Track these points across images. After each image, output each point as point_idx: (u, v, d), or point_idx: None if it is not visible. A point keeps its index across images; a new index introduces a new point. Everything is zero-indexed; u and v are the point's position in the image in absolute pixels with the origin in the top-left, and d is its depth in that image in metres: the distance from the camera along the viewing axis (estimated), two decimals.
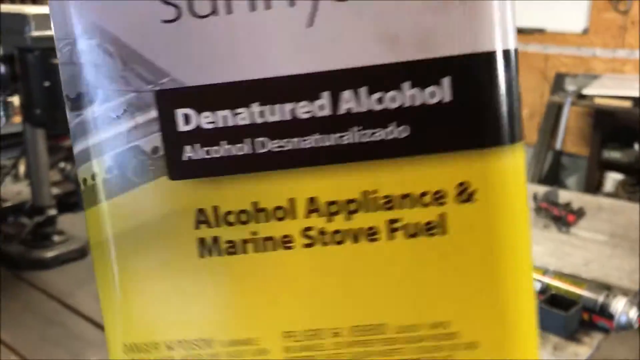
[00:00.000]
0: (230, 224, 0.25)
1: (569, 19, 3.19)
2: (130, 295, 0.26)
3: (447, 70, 0.23)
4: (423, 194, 0.24)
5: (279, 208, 0.25)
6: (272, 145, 0.24)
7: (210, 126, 0.24)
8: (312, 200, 0.25)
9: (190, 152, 0.25)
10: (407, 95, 0.24)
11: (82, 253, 1.09)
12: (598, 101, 2.76)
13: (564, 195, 1.37)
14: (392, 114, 0.24)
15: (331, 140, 0.24)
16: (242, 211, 0.25)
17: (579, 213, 1.28)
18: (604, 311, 0.84)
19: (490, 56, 0.23)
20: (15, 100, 1.05)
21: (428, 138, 0.24)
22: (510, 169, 0.25)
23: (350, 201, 0.25)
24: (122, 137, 0.25)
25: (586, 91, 2.82)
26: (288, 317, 0.26)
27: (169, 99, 0.24)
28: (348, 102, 0.24)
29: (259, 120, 0.24)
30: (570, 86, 2.94)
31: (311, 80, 0.24)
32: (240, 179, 0.25)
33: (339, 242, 0.25)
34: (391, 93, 0.24)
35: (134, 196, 0.25)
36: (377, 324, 0.25)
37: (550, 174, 3.03)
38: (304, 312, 0.26)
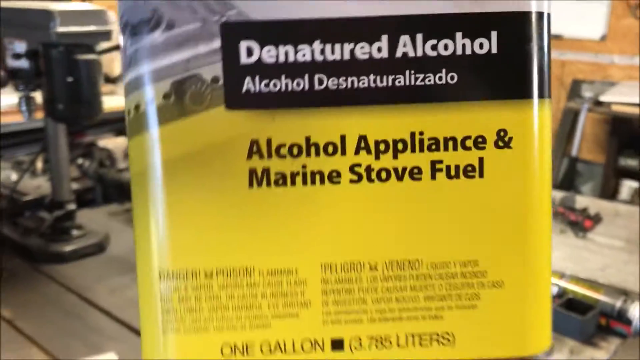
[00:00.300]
0: (281, 156, 0.26)
1: (587, 25, 3.17)
2: (174, 222, 0.26)
3: (496, 25, 0.25)
4: (466, 138, 0.26)
5: (330, 144, 0.26)
6: (330, 82, 0.25)
7: (271, 60, 0.25)
8: (362, 138, 0.26)
9: (249, 84, 0.25)
10: (459, 44, 0.25)
11: (100, 247, 1.10)
12: (615, 108, 2.74)
13: (580, 201, 1.36)
14: (443, 61, 0.25)
15: (385, 81, 0.26)
16: (294, 144, 0.26)
17: (596, 219, 1.28)
18: (621, 316, 0.83)
19: (532, 16, 0.26)
20: (38, 96, 1.07)
21: (474, 86, 0.26)
22: (543, 121, 0.27)
23: (398, 141, 0.26)
24: (183, 65, 0.25)
25: (603, 98, 2.80)
26: (328, 249, 0.27)
27: (234, 31, 0.25)
28: (405, 46, 0.25)
29: (319, 58, 0.25)
30: (587, 93, 2.93)
31: (372, 24, 0.25)
32: (295, 113, 0.26)
33: (384, 180, 0.26)
34: (444, 41, 0.25)
35: (188, 124, 0.26)
36: (413, 259, 0.27)
37: (566, 180, 3.01)
38: (343, 245, 0.27)
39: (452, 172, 0.26)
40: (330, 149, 0.26)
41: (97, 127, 1.62)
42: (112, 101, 2.10)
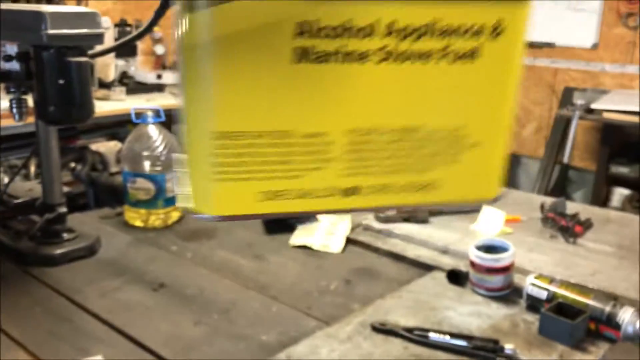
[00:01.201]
0: (324, 37, 0.31)
1: (579, 34, 3.19)
2: (225, 89, 0.31)
3: None
4: (471, 26, 0.33)
5: (365, 27, 0.31)
6: None
7: None
8: (391, 23, 0.31)
9: None
10: None
11: (90, 251, 1.10)
12: (606, 116, 2.75)
13: (571, 207, 1.37)
14: None
15: None
16: (337, 27, 0.31)
17: (587, 224, 1.28)
18: (610, 321, 0.84)
19: None
20: (29, 98, 1.06)
21: None
22: (527, 17, 0.34)
23: (421, 26, 0.32)
24: None
25: (595, 106, 2.82)
26: (353, 117, 0.33)
27: None
28: None
29: None
30: (578, 100, 2.94)
31: None
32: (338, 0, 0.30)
33: (404, 60, 0.32)
34: None
35: (243, 4, 0.29)
36: (418, 125, 0.34)
37: (557, 187, 3.02)
38: (365, 114, 0.33)
39: (457, 55, 0.33)
40: (366, 31, 0.31)
41: (90, 131, 1.62)
42: (107, 106, 2.10)
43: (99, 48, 1.02)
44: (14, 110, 1.06)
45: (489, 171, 0.37)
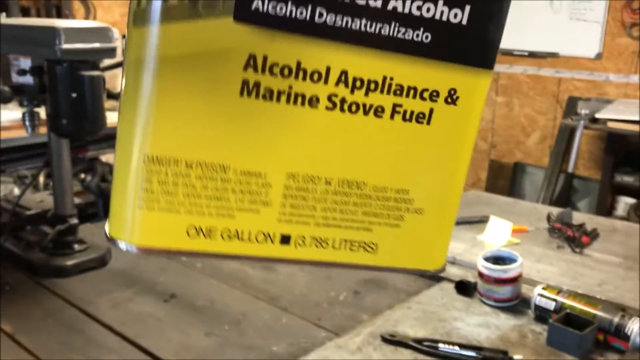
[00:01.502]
0: (273, 74, 0.30)
1: (583, 43, 3.20)
2: (165, 112, 0.30)
3: (471, 0, 0.31)
4: (424, 90, 0.32)
5: (316, 71, 0.30)
6: (328, 17, 0.30)
7: None
8: (343, 72, 0.31)
9: (259, 2, 0.29)
10: (439, 10, 0.30)
11: (101, 262, 1.11)
12: (611, 125, 2.76)
13: (577, 217, 1.37)
14: (423, 21, 0.31)
15: (374, 28, 0.30)
16: (286, 66, 0.30)
17: (593, 234, 1.29)
18: (619, 332, 0.84)
19: (502, 1, 0.31)
20: (42, 111, 1.08)
21: (442, 48, 0.31)
22: (485, 87, 0.33)
23: (372, 81, 0.31)
24: None
25: (599, 115, 2.82)
26: (295, 161, 0.32)
27: None
28: (396, 1, 0.30)
29: None
30: (583, 110, 2.95)
31: None
32: (293, 38, 0.30)
33: (353, 112, 0.32)
34: (428, 4, 0.30)
35: (195, 26, 0.29)
36: (360, 181, 0.33)
37: (562, 196, 3.02)
38: (308, 160, 0.32)
39: (407, 116, 0.32)
40: (316, 76, 0.30)
41: (100, 142, 1.63)
42: (115, 116, 2.11)
43: (108, 61, 1.03)
44: (27, 123, 1.07)
45: (432, 241, 0.35)
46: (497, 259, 1.00)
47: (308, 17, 0.29)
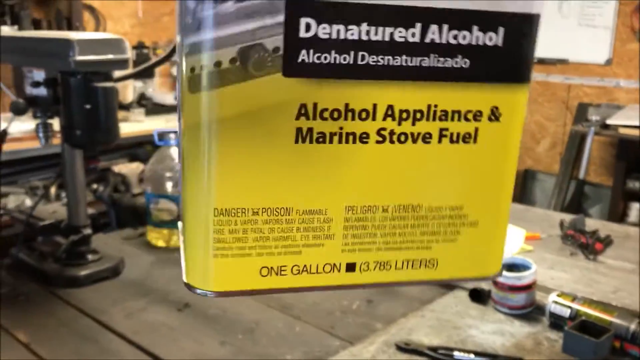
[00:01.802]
0: (324, 118, 0.31)
1: (592, 49, 3.19)
2: (227, 169, 0.31)
3: (504, 22, 0.32)
4: (467, 112, 0.33)
5: (363, 110, 0.32)
6: (370, 59, 0.31)
7: (325, 36, 0.30)
8: (389, 107, 0.32)
9: (305, 55, 0.30)
10: (474, 35, 0.32)
11: (115, 272, 1.11)
12: (622, 131, 2.75)
13: (590, 224, 1.37)
14: (461, 48, 0.32)
15: (414, 61, 0.31)
16: (335, 109, 0.31)
17: (606, 241, 1.28)
18: (635, 339, 0.84)
19: (533, 17, 0.32)
20: (55, 122, 1.09)
21: (481, 70, 0.32)
22: (524, 101, 0.34)
23: (417, 111, 0.33)
24: (249, 35, 0.29)
25: (610, 121, 2.81)
26: (352, 195, 0.34)
27: (297, 8, 0.29)
28: (433, 34, 0.31)
29: (364, 38, 0.30)
30: (593, 116, 2.94)
31: (410, 12, 0.30)
32: (339, 83, 0.31)
33: (403, 142, 0.33)
34: (463, 32, 0.31)
35: (248, 86, 0.30)
36: (415, 204, 0.35)
37: (573, 203, 3.01)
38: (364, 192, 0.34)
39: (454, 138, 0.33)
40: (364, 114, 0.32)
41: (111, 152, 1.64)
42: (126, 127, 2.13)
43: (119, 72, 1.04)
44: (40, 134, 1.08)
45: (488, 249, 0.37)
46: (511, 267, 1.00)
47: (351, 61, 0.30)
